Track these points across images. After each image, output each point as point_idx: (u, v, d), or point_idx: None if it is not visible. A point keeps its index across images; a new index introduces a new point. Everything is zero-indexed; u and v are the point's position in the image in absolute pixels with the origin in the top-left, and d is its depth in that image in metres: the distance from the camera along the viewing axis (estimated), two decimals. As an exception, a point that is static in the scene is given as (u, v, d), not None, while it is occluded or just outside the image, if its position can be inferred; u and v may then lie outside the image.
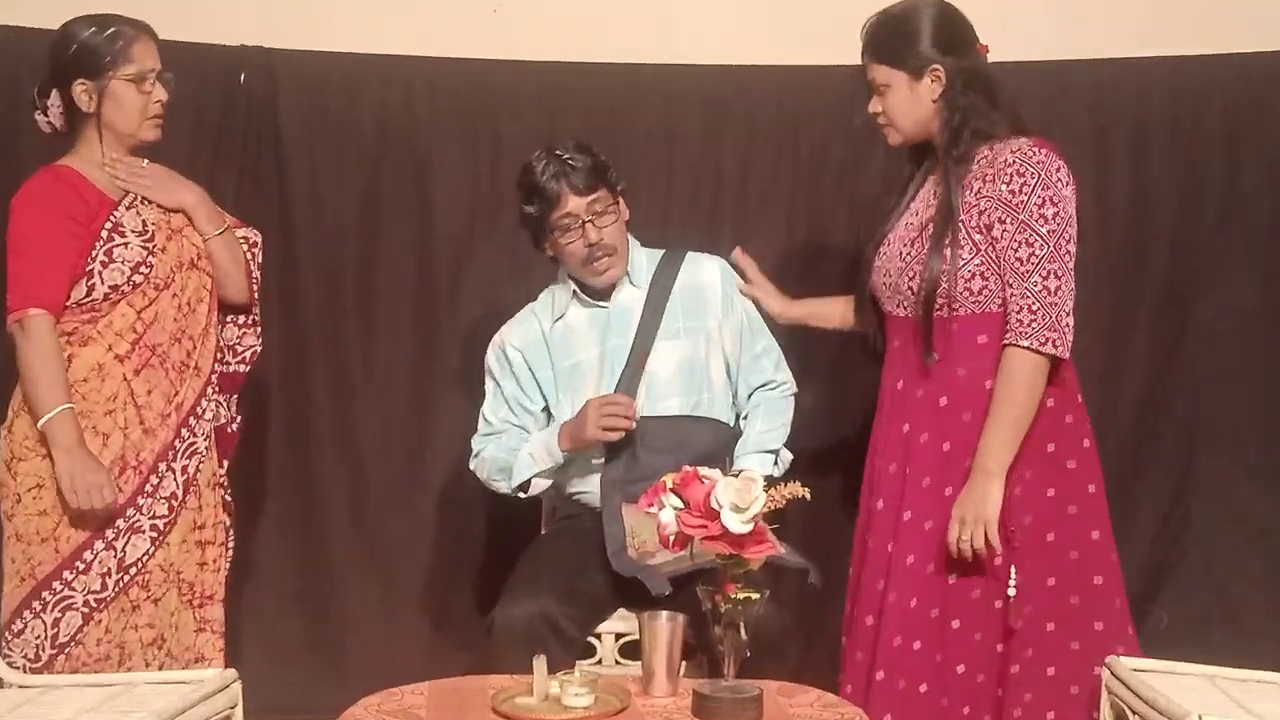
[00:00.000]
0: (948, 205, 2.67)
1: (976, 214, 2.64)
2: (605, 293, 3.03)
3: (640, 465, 2.87)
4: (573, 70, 3.56)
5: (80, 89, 2.74)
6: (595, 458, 2.97)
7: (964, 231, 2.64)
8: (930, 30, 2.71)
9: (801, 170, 3.59)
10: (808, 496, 2.32)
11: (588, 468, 2.99)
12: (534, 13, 3.61)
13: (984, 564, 2.62)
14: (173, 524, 2.78)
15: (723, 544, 2.27)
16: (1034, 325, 2.58)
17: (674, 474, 2.33)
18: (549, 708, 2.37)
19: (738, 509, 2.24)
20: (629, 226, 3.02)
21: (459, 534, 3.59)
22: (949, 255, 2.64)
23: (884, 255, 2.80)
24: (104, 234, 2.73)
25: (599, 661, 2.88)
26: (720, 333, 3.03)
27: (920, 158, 2.82)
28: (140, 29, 2.78)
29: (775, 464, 3.02)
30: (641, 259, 3.05)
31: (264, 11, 3.54)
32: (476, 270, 3.60)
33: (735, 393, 3.07)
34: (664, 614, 2.46)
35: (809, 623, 3.23)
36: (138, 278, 2.75)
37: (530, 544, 3.10)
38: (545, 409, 3.06)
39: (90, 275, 2.71)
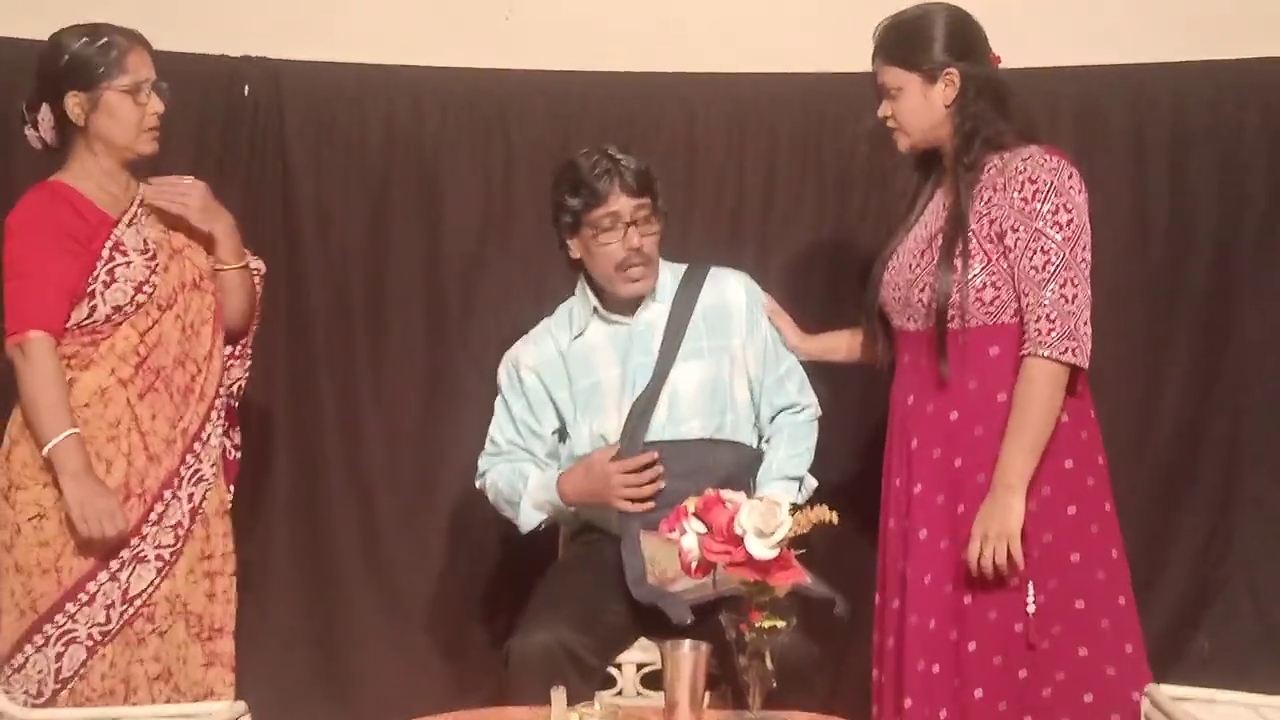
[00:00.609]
0: (958, 215, 2.68)
1: (988, 223, 2.65)
2: (628, 308, 3.02)
3: (660, 491, 2.86)
4: (587, 79, 3.57)
5: (73, 101, 2.73)
6: None
7: (975, 242, 2.66)
8: (945, 34, 2.72)
9: (827, 180, 3.58)
10: (835, 521, 2.30)
11: None
12: (546, 20, 3.62)
13: (1002, 584, 2.61)
14: (179, 554, 2.77)
15: (747, 570, 2.25)
16: (1053, 335, 2.59)
17: (696, 498, 2.32)
18: (569, 741, 2.35)
19: (762, 534, 2.23)
20: (653, 241, 3.02)
21: (473, 560, 3.58)
22: (959, 266, 2.65)
23: (893, 269, 2.80)
24: (105, 253, 2.73)
25: (620, 692, 2.88)
26: (744, 353, 3.02)
27: (927, 170, 2.84)
28: (134, 38, 2.78)
29: (799, 490, 3.00)
30: (665, 275, 3.04)
31: (268, 21, 3.56)
32: (488, 285, 3.60)
33: (758, 414, 3.06)
34: (686, 643, 2.44)
35: (838, 653, 3.21)
36: (141, 297, 2.75)
37: (547, 571, 3.09)
38: (557, 431, 3.05)
39: (92, 296, 2.71)
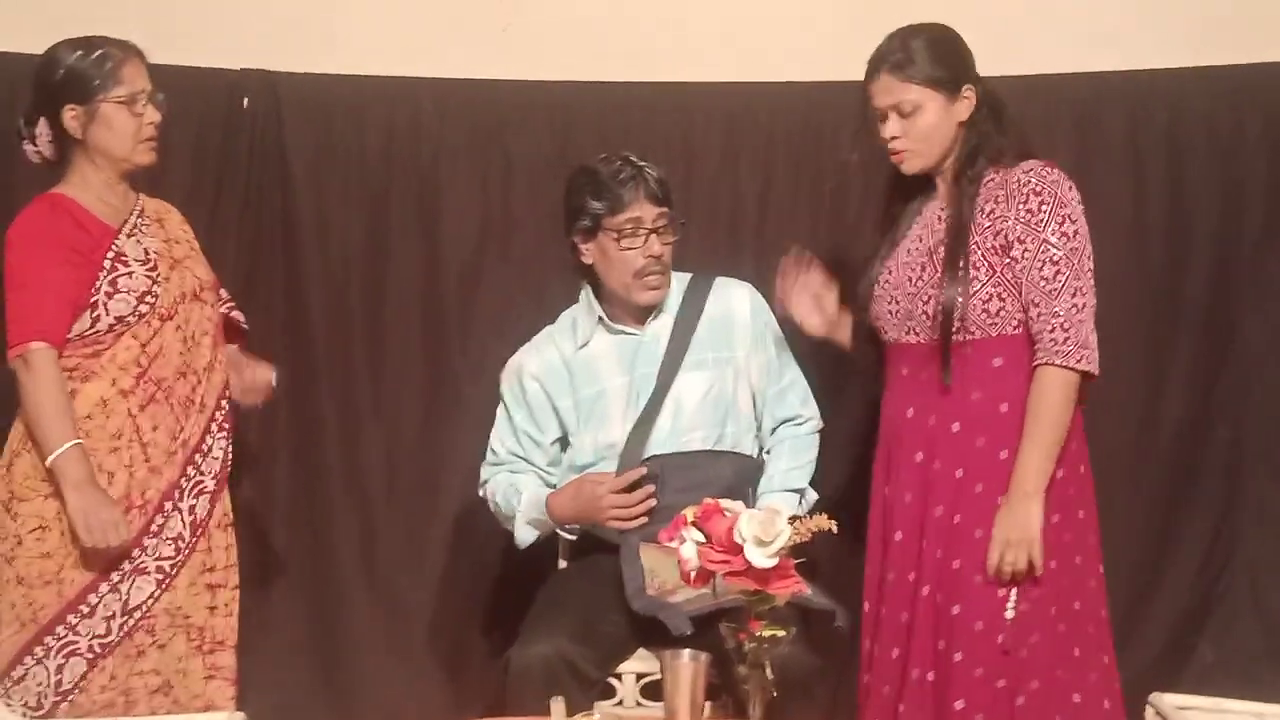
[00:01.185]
0: (959, 228, 2.71)
1: (991, 235, 2.69)
2: (635, 319, 3.04)
3: (660, 504, 2.88)
4: (585, 89, 3.59)
5: (69, 115, 2.76)
6: None
7: (979, 254, 2.70)
8: (963, 50, 2.76)
9: (823, 189, 3.60)
10: (834, 530, 2.32)
11: None
12: (544, 30, 3.64)
13: (990, 597, 2.65)
14: (180, 566, 2.79)
15: (746, 579, 2.27)
16: (1068, 344, 2.64)
17: (695, 507, 2.35)
18: (568, 752, 2.37)
19: (762, 543, 2.24)
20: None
21: (473, 570, 3.60)
22: (964, 279, 2.69)
23: (886, 284, 2.82)
24: (107, 264, 2.76)
25: (620, 702, 2.89)
26: (747, 364, 3.05)
27: (907, 186, 2.85)
28: (128, 50, 2.80)
29: (800, 503, 3.03)
30: (673, 287, 3.07)
31: (267, 34, 3.58)
32: (487, 294, 3.61)
33: (759, 425, 3.09)
34: (686, 653, 2.46)
35: (838, 664, 3.23)
36: (143, 308, 2.77)
37: (547, 581, 3.11)
38: (558, 440, 3.07)
39: (95, 306, 2.73)
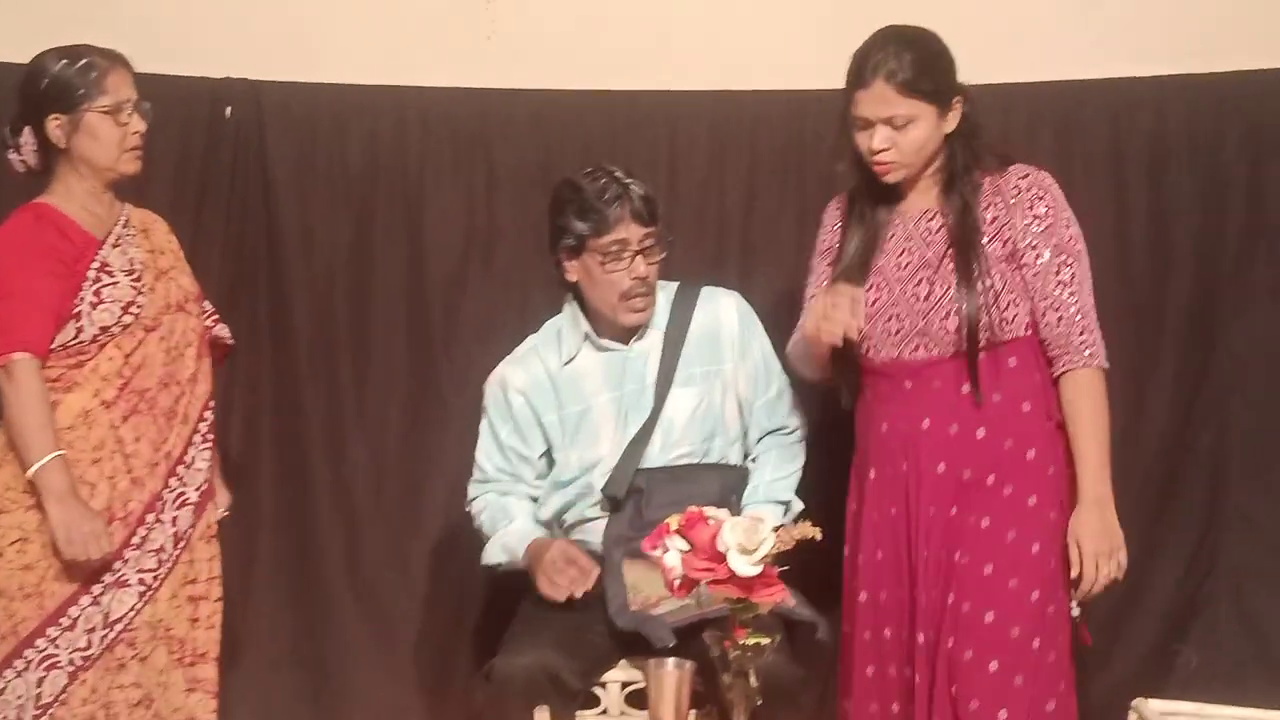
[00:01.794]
0: (968, 237, 2.70)
1: (1000, 244, 2.71)
2: (622, 336, 3.02)
3: (644, 521, 2.86)
4: (569, 97, 3.60)
5: (54, 124, 2.76)
6: (596, 512, 2.99)
7: (989, 261, 2.71)
8: (951, 59, 2.72)
9: (808, 198, 3.60)
10: (819, 538, 2.34)
11: (589, 518, 3.01)
12: (528, 39, 3.65)
13: (1022, 604, 2.65)
14: (162, 578, 2.80)
15: (730, 587, 2.29)
16: (1093, 344, 2.72)
17: (678, 515, 2.36)
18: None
19: (745, 550, 2.26)
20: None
21: (458, 580, 3.59)
22: (981, 287, 2.69)
23: (878, 304, 2.76)
24: (91, 274, 2.77)
25: (604, 711, 2.90)
26: (735, 375, 3.03)
27: (872, 199, 2.80)
28: (114, 59, 2.81)
29: (785, 514, 3.02)
30: (660, 300, 3.03)
31: (250, 43, 3.59)
32: (471, 304, 3.62)
33: (745, 432, 3.08)
34: (671, 661, 2.47)
35: (822, 675, 3.23)
36: (127, 318, 2.78)
37: (531, 591, 3.11)
38: (545, 454, 3.06)
39: (78, 317, 2.74)
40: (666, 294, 3.06)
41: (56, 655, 2.71)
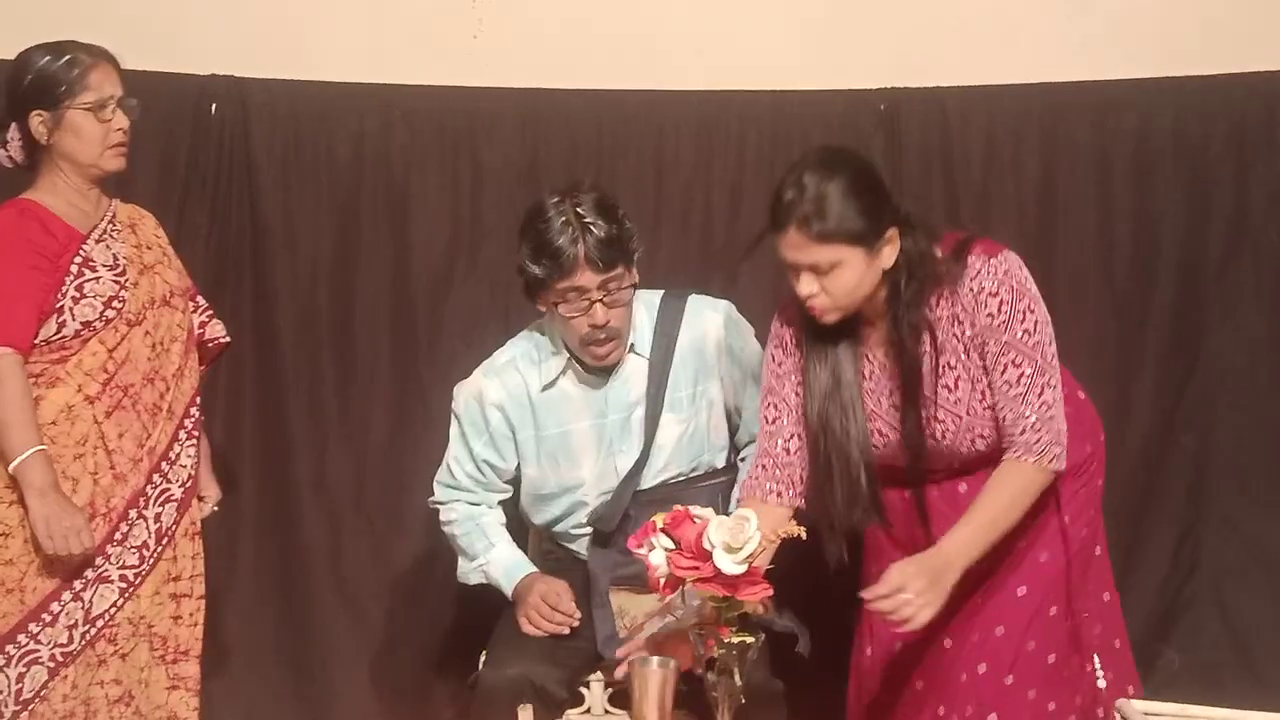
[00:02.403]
0: (909, 379, 2.53)
1: (978, 355, 2.53)
2: (601, 365, 2.90)
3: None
4: (556, 96, 3.61)
5: (36, 120, 2.76)
6: (580, 526, 2.98)
7: (975, 373, 2.55)
8: (882, 185, 2.47)
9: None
10: (804, 536, 2.35)
11: (579, 534, 3.00)
12: (515, 38, 3.66)
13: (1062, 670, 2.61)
14: (144, 575, 2.79)
15: (715, 585, 2.29)
16: (1040, 443, 2.50)
17: (664, 514, 2.36)
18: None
19: (731, 549, 2.26)
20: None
21: (441, 580, 3.56)
22: (986, 398, 2.54)
23: (887, 429, 2.60)
24: (74, 269, 2.76)
25: (588, 710, 2.91)
26: (723, 387, 2.98)
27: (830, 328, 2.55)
28: (98, 55, 2.80)
29: None
30: (641, 313, 2.92)
31: (235, 40, 3.60)
32: (456, 303, 3.63)
33: (734, 434, 3.05)
34: (655, 660, 2.47)
35: (798, 687, 3.22)
36: (110, 313, 2.78)
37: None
38: (518, 465, 2.99)
39: (60, 312, 2.73)
40: (649, 308, 2.95)
41: (38, 651, 2.70)
